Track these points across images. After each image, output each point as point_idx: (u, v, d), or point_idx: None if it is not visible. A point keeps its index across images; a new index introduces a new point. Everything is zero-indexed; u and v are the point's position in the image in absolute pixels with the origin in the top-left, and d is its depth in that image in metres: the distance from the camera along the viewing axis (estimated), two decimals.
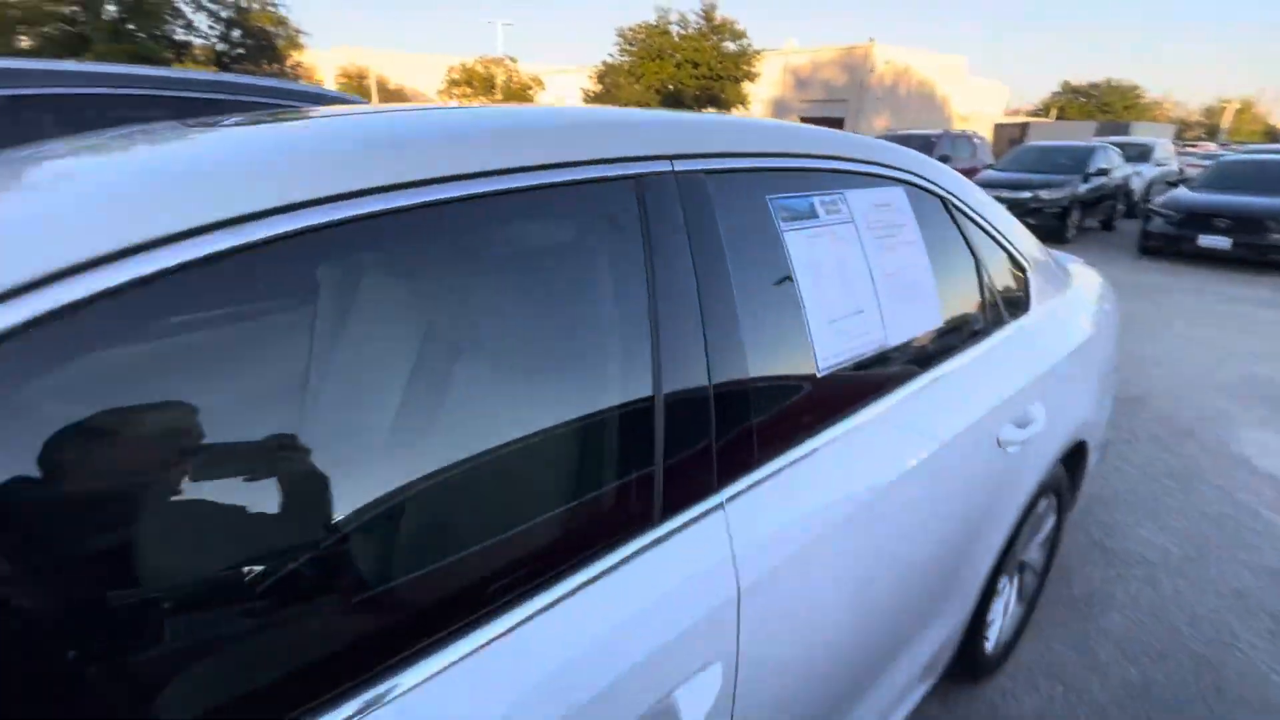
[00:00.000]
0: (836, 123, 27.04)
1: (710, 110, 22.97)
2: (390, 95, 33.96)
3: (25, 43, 14.82)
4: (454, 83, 29.80)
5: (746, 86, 23.60)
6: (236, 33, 17.62)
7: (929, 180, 1.31)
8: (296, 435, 0.55)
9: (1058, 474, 1.69)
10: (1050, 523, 1.84)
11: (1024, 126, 25.98)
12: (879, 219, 1.15)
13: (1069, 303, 1.73)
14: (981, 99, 35.54)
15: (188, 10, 16.92)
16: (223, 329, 0.53)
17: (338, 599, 0.57)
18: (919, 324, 1.17)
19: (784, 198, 0.98)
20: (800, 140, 1.06)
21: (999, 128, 26.50)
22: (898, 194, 1.22)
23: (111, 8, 15.20)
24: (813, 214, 1.01)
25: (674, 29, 22.87)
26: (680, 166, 0.85)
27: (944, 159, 11.31)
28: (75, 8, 14.88)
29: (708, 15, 22.62)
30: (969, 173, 10.83)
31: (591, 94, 24.53)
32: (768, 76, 28.72)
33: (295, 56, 19.13)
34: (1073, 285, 1.81)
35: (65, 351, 0.45)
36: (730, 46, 22.85)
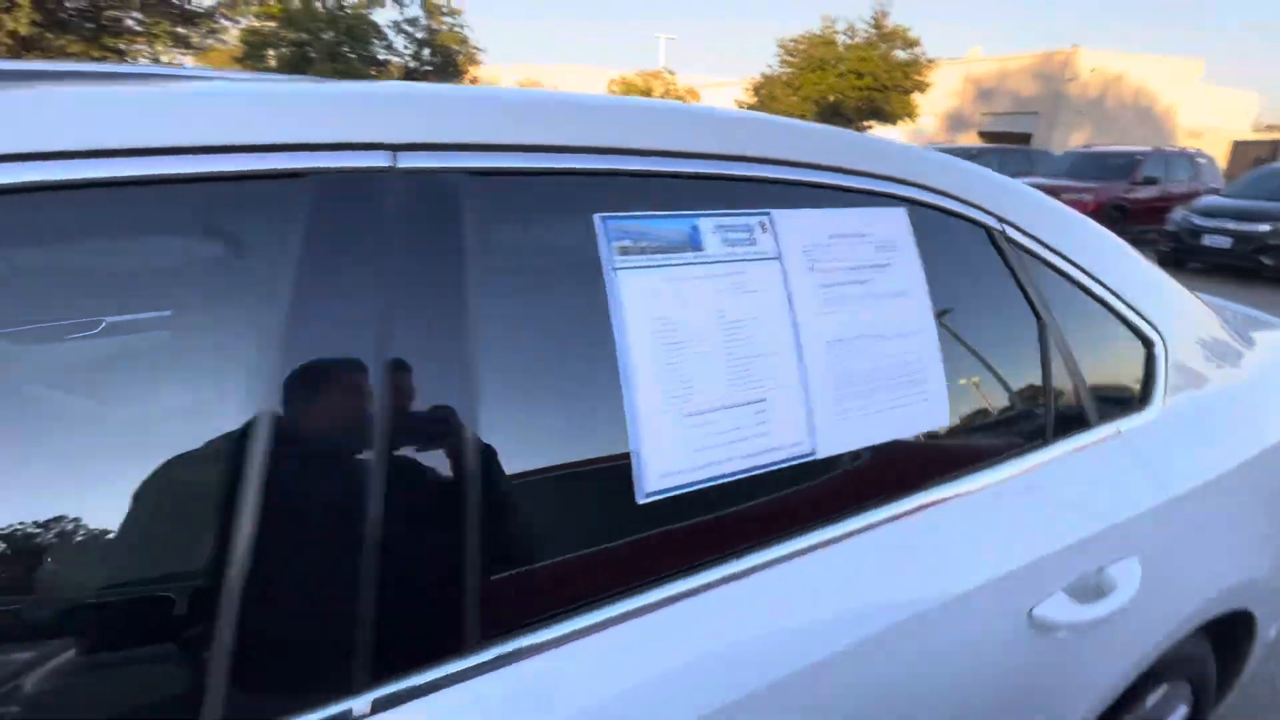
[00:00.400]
0: (1022, 139, 24.03)
1: (871, 125, 21.58)
2: None
3: (270, 61, 18.06)
4: (612, 95, 30.92)
5: (916, 98, 21.77)
6: (426, 51, 19.77)
7: (963, 199, 0.86)
8: None
9: (1192, 654, 1.11)
10: (1180, 714, 1.23)
11: (1275, 145, 21.23)
12: (840, 256, 0.74)
13: (1235, 393, 1.13)
14: (1220, 111, 29.66)
15: (390, 33, 19.38)
16: None
17: None
18: (888, 425, 0.74)
19: (628, 219, 0.63)
20: (700, 128, 0.70)
21: (1239, 146, 21.91)
22: (890, 218, 0.80)
23: (330, 34, 17.89)
24: (688, 244, 0.65)
25: (840, 39, 21.74)
26: (410, 161, 0.54)
27: (1149, 181, 9.41)
28: (305, 34, 17.76)
29: (878, 23, 21.21)
30: (1187, 197, 8.82)
31: (745, 106, 24.11)
32: (945, 87, 26.29)
33: (472, 71, 20.98)
34: (1246, 364, 1.19)
35: None
36: (901, 55, 21.22)
